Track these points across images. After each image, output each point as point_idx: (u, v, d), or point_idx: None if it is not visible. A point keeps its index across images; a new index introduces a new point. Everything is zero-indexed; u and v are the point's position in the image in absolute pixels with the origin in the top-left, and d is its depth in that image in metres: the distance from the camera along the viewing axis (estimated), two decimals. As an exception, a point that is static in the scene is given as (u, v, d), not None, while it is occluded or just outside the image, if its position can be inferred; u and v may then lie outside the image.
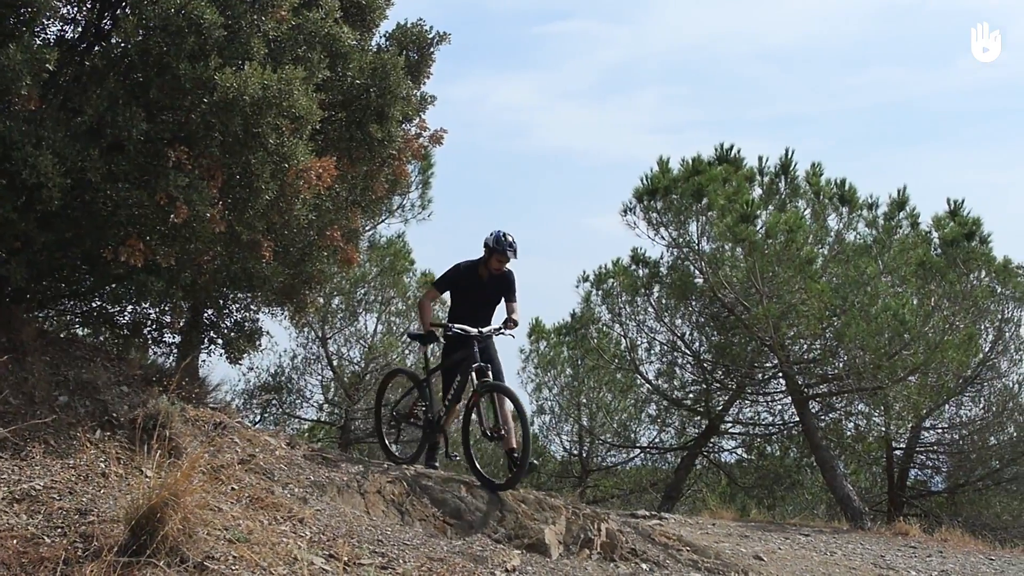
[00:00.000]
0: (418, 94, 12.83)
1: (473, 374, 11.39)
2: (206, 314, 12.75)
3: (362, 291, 25.69)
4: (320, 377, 26.52)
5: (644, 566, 10.78)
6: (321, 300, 23.13)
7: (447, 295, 12.32)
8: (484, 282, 11.82)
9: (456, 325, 11.46)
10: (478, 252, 11.77)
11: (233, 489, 9.36)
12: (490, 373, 11.40)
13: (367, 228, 22.47)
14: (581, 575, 9.91)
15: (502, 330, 11.75)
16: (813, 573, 12.25)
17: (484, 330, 11.60)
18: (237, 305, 12.86)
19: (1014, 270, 22.77)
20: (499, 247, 11.58)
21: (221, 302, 12.64)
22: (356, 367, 26.46)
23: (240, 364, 13.38)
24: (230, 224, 10.42)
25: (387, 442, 12.54)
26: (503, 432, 11.27)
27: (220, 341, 12.58)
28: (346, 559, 8.54)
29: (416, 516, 10.65)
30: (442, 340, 12.12)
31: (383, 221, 23.10)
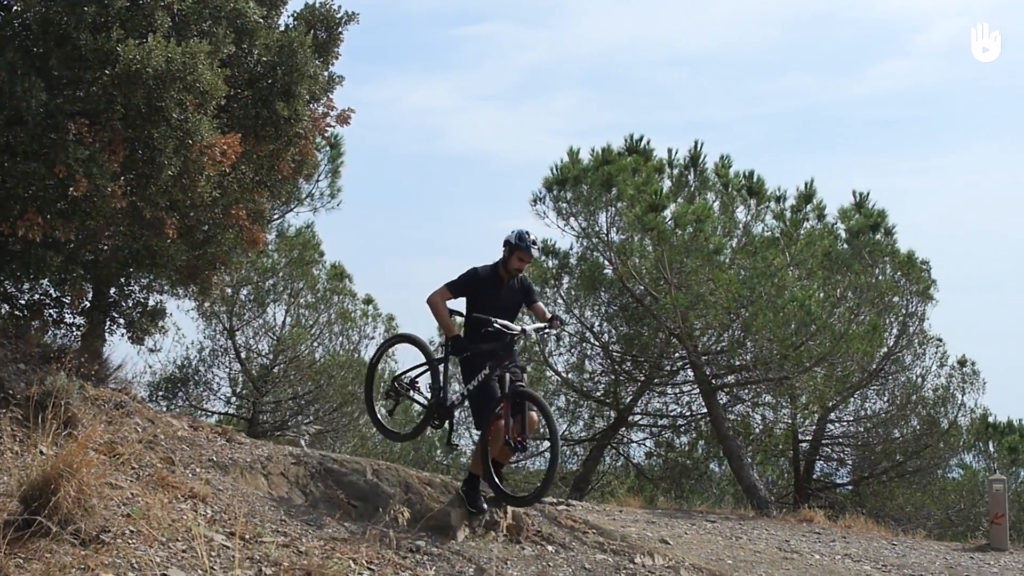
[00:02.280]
0: (326, 74, 12.72)
1: (508, 376, 10.35)
2: (109, 294, 12.51)
3: (270, 281, 25.44)
4: (228, 370, 26.21)
5: (550, 548, 10.74)
6: (227, 279, 22.91)
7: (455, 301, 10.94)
8: (506, 287, 10.78)
9: (498, 320, 10.33)
10: (403, 252, 11.35)
11: (132, 468, 9.20)
12: (525, 378, 10.64)
13: (275, 215, 22.31)
14: (486, 556, 9.85)
15: (548, 329, 10.90)
16: (719, 555, 12.30)
17: (528, 327, 10.80)
18: (140, 285, 12.64)
19: (918, 265, 23.11)
20: (522, 244, 10.56)
21: (123, 281, 12.43)
22: (264, 360, 26.21)
23: (143, 345, 13.06)
24: (132, 200, 10.26)
25: (377, 413, 11.74)
26: (527, 444, 10.39)
27: (122, 321, 12.36)
28: (247, 537, 8.42)
29: (321, 498, 10.55)
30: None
31: (292, 210, 22.94)
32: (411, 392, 11.37)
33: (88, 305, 12.22)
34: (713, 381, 21.06)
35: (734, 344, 20.80)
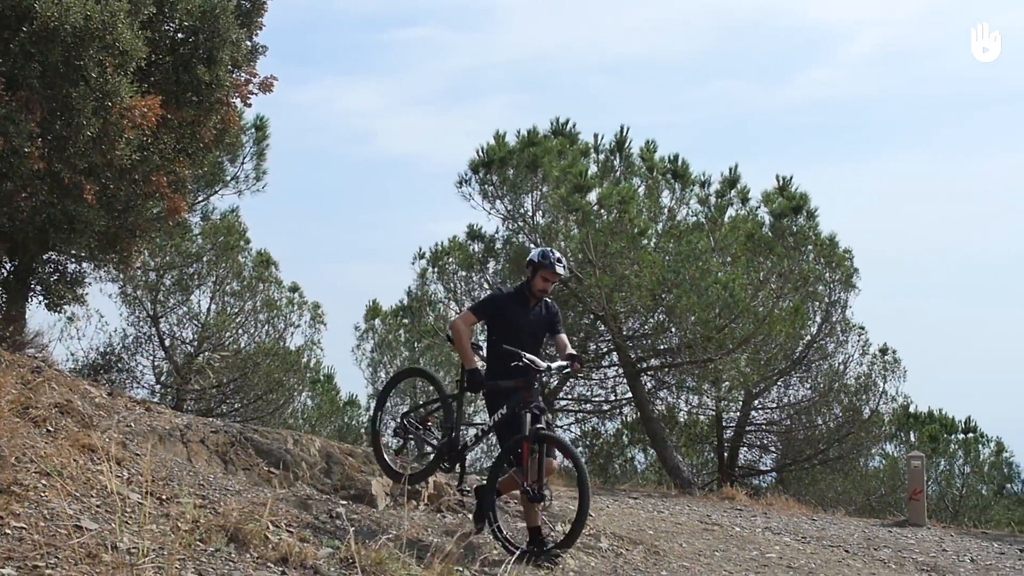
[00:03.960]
0: (249, 44, 12.64)
1: (528, 416, 9.48)
2: (26, 260, 12.34)
3: (195, 266, 25.24)
4: (151, 357, 25.95)
5: (470, 516, 10.74)
6: (152, 264, 22.72)
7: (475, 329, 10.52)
8: (530, 311, 9.90)
9: (527, 355, 9.44)
10: (335, 254, 11.08)
11: (48, 430, 9.09)
12: (545, 420, 9.64)
13: (200, 197, 22.12)
14: (407, 523, 9.83)
15: (568, 369, 9.87)
16: (640, 527, 12.35)
17: (554, 365, 9.73)
18: (58, 251, 12.48)
19: (841, 253, 23.36)
20: (546, 262, 9.71)
21: (41, 247, 12.26)
22: (189, 347, 26.01)
23: (60, 312, 12.88)
24: (50, 163, 10.13)
25: (384, 454, 10.60)
26: (547, 492, 9.43)
27: (40, 288, 12.20)
28: (163, 497, 8.34)
29: (240, 465, 10.51)
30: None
31: (217, 192, 22.69)
32: (421, 431, 10.46)
33: (5, 272, 12.06)
34: (638, 364, 21.14)
35: (659, 327, 20.88)
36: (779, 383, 24.33)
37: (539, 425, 9.43)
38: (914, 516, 16.27)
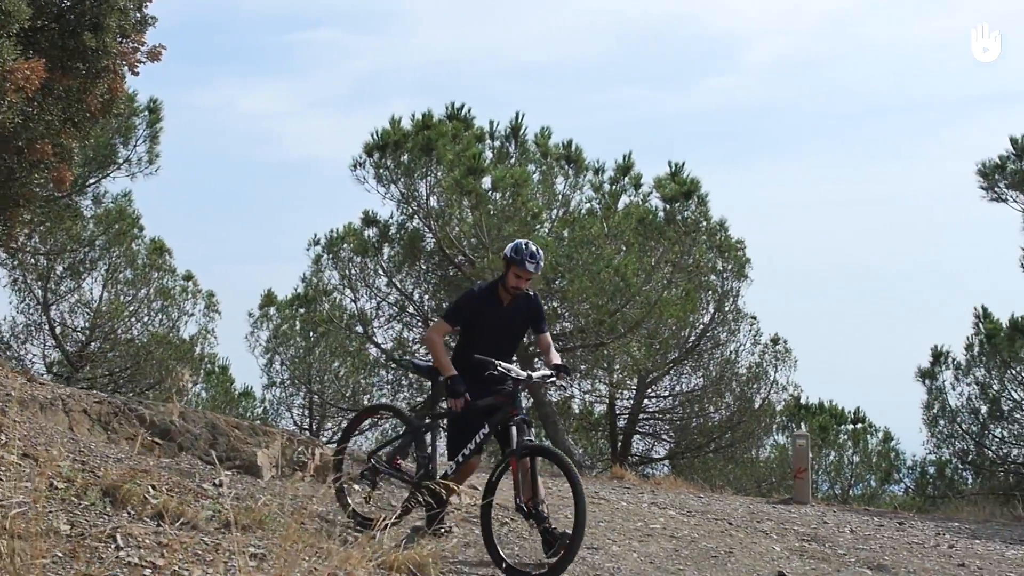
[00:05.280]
0: (139, 15, 12.51)
1: (514, 429, 8.83)
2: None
3: (86, 250, 24.93)
4: (42, 345, 25.62)
5: (356, 487, 10.74)
6: (41, 248, 22.41)
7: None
8: (506, 308, 9.22)
9: (502, 364, 8.82)
10: (239, 256, 10.88)
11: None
12: (531, 431, 9.03)
13: (92, 180, 21.87)
14: (291, 493, 9.80)
15: (553, 378, 9.21)
16: (526, 500, 12.42)
17: (536, 375, 9.07)
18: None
19: (734, 243, 23.70)
20: (518, 258, 8.95)
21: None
22: (80, 336, 25.70)
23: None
24: (-73, 126, 9.98)
25: (349, 499, 9.81)
26: (543, 508, 8.83)
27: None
28: (41, 460, 8.25)
29: (123, 435, 10.43)
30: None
31: (109, 174, 22.39)
32: (392, 469, 9.67)
33: None
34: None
35: (552, 312, 20.98)
36: (672, 372, 24.61)
37: (528, 438, 8.83)
38: (799, 494, 16.53)
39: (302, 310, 26.66)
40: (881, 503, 24.21)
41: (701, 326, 24.11)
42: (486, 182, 20.19)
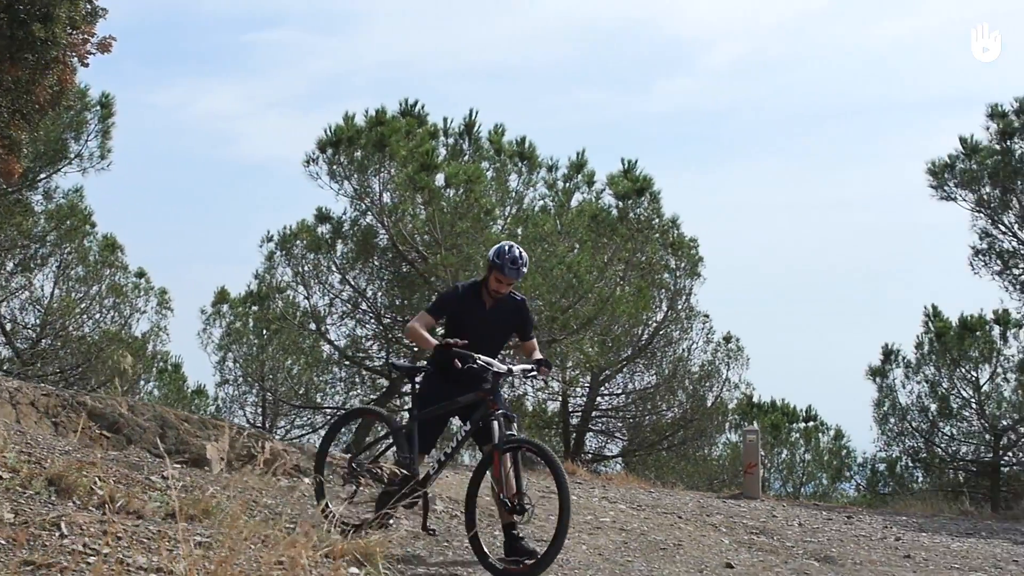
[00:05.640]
0: (89, 7, 12.46)
1: (495, 424, 8.46)
2: None
3: (37, 248, 24.77)
4: (-9, 343, 25.45)
5: (306, 480, 10.76)
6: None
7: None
8: (489, 311, 8.92)
9: (481, 357, 8.49)
10: (198, 258, 10.79)
11: None
12: (515, 425, 8.76)
13: (41, 176, 21.75)
14: (240, 486, 9.78)
15: (534, 373, 8.86)
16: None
17: (516, 368, 8.84)
18: None
19: (687, 242, 23.83)
20: (499, 262, 8.67)
21: None
22: (31, 333, 25.54)
23: None
24: None
25: (329, 505, 8.83)
26: (528, 505, 8.46)
27: None
28: (-13, 450, 8.21)
29: (71, 428, 10.40)
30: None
31: (59, 169, 22.29)
32: (375, 471, 9.13)
33: None
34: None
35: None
36: (625, 369, 24.71)
37: (510, 432, 8.51)
38: (749, 489, 16.63)
39: (255, 308, 26.53)
40: (832, 501, 24.39)
41: (654, 324, 24.23)
42: (439, 179, 20.17)
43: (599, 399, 24.98)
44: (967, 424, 24.77)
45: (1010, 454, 24.65)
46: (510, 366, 8.75)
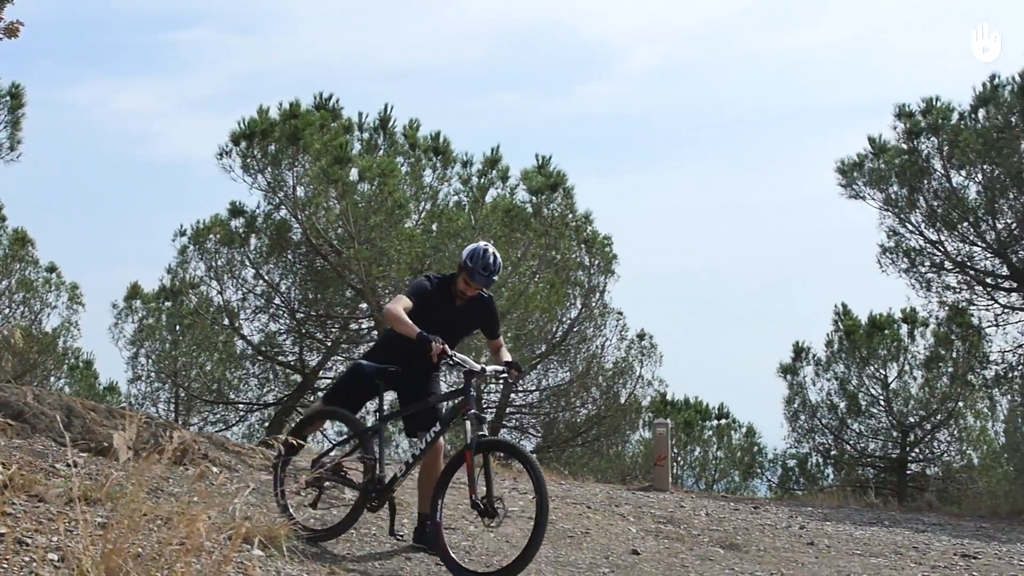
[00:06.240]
0: (-4, -7, 12.28)
1: (467, 424, 8.41)
2: None
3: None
4: None
5: (215, 469, 10.68)
6: None
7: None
8: (456, 307, 8.80)
9: (458, 354, 8.37)
10: (115, 260, 10.56)
11: None
12: (485, 427, 8.75)
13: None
14: (147, 475, 9.72)
15: (505, 375, 8.76)
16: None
17: (489, 369, 8.66)
18: None
19: (601, 239, 23.96)
20: (470, 265, 8.54)
21: None
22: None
23: None
24: None
25: (292, 511, 8.84)
26: (499, 507, 8.28)
27: None
28: None
29: (-26, 416, 10.24)
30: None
31: (-34, 159, 21.97)
32: (338, 477, 8.95)
33: None
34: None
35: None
36: (538, 366, 24.77)
37: (481, 432, 8.47)
38: (658, 481, 16.75)
39: (168, 303, 26.31)
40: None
41: (568, 321, 24.32)
42: (353, 173, 20.12)
43: (513, 395, 24.98)
44: (875, 421, 25.15)
45: (917, 450, 25.02)
46: (483, 366, 8.57)
